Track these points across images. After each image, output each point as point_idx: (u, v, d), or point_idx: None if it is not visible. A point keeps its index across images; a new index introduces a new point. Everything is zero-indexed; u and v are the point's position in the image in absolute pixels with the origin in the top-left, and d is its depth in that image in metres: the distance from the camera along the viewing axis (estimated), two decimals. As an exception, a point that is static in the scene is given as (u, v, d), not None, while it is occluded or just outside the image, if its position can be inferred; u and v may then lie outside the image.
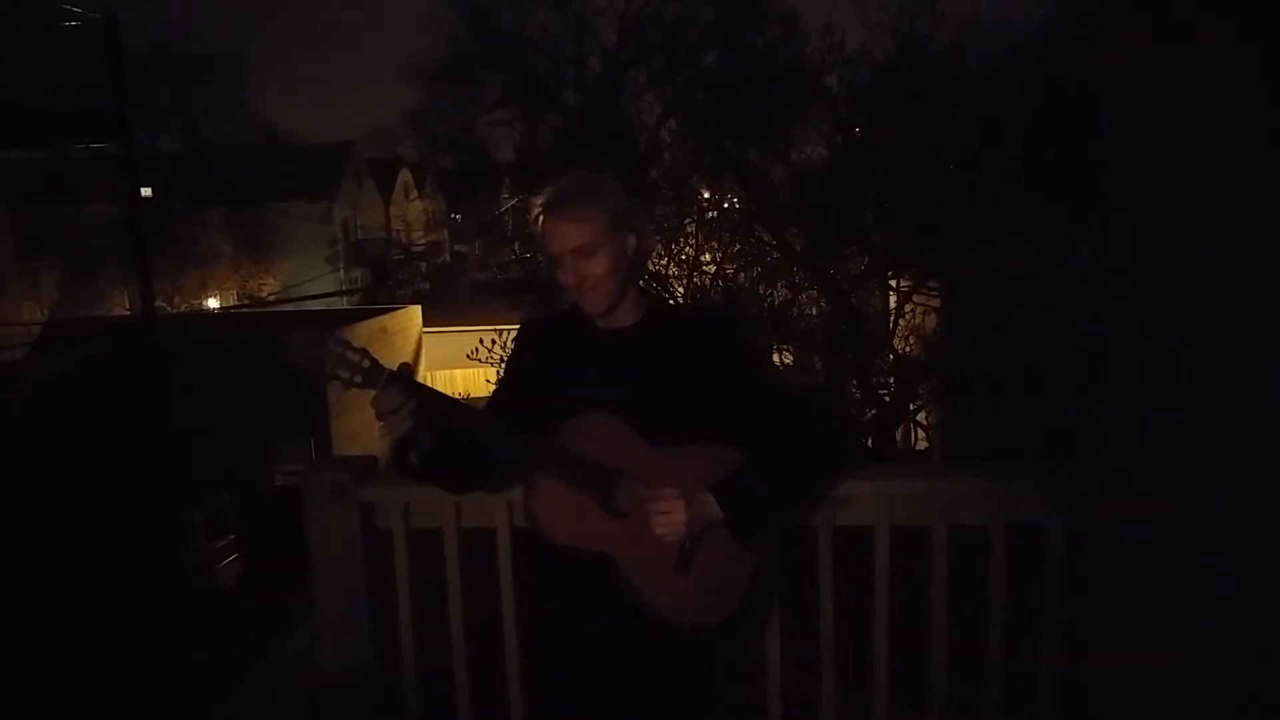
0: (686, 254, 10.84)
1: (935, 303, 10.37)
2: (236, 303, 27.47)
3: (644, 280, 2.06)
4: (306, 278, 28.11)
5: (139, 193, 9.51)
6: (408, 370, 1.84)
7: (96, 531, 11.50)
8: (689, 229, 10.81)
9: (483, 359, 10.57)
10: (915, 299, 10.42)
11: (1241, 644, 1.49)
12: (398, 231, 36.49)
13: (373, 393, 1.80)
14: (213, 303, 27.58)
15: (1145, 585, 1.70)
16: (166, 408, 9.04)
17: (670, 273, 10.72)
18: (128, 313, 19.95)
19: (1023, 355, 8.15)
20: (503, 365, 2.14)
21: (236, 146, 29.81)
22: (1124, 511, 1.72)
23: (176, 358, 11.31)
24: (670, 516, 1.80)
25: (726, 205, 11.18)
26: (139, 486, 10.06)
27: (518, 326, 2.13)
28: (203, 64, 29.90)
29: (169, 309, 24.12)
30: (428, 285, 30.49)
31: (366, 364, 1.79)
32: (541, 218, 1.89)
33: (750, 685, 2.40)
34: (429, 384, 1.92)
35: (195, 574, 11.92)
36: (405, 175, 37.37)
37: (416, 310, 22.94)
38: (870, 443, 9.63)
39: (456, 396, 1.94)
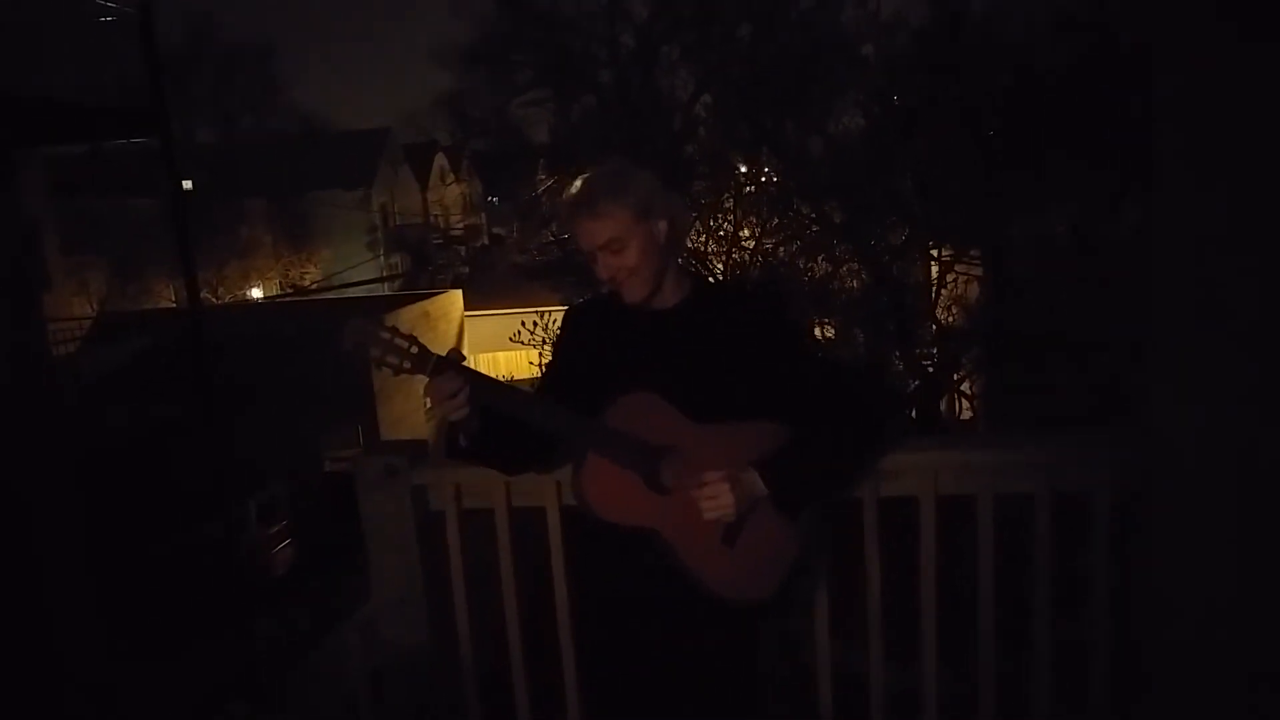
0: (725, 230, 10.82)
1: (978, 271, 10.26)
2: (280, 292, 27.80)
3: (682, 258, 2.08)
4: (347, 265, 28.38)
5: (180, 186, 9.63)
6: (457, 355, 1.88)
7: (153, 522, 11.76)
8: (727, 204, 10.78)
9: (525, 341, 10.64)
10: (957, 268, 10.31)
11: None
12: (435, 216, 36.69)
13: (420, 378, 1.84)
14: (256, 293, 27.94)
15: (1191, 551, 1.70)
16: (216, 398, 9.20)
17: (709, 249, 10.71)
18: (175, 305, 20.28)
19: (1067, 322, 8.05)
20: (546, 347, 2.18)
21: (273, 136, 30.07)
22: (1168, 477, 1.72)
23: (224, 348, 11.49)
24: (717, 500, 1.82)
25: (764, 179, 11.12)
26: (192, 477, 10.26)
27: (561, 309, 2.17)
28: (237, 55, 30.16)
29: (214, 300, 24.48)
30: (467, 269, 30.63)
31: (415, 350, 1.84)
32: (568, 218, 1.94)
33: (799, 658, 2.43)
34: (472, 365, 1.96)
35: (249, 561, 12.15)
36: (441, 159, 37.53)
37: (457, 294, 23.06)
38: (914, 414, 9.58)
39: (499, 378, 1.98)
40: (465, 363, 1.89)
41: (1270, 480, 1.53)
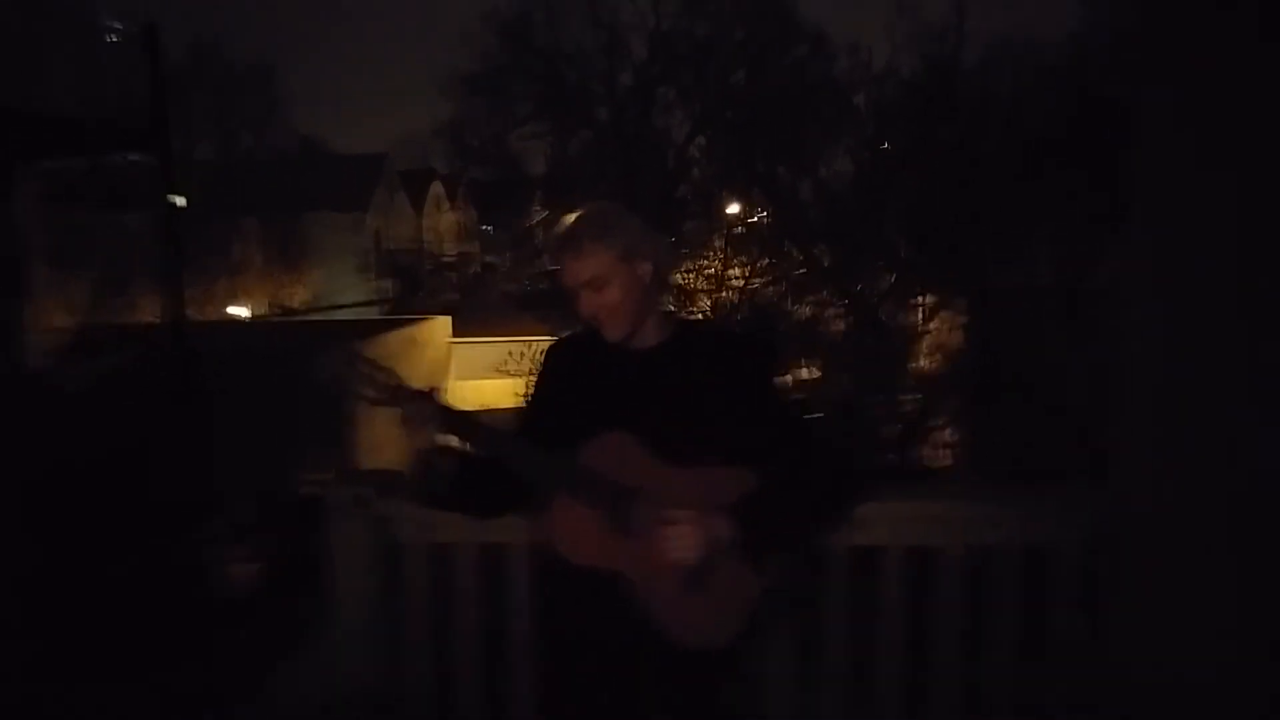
0: (714, 268, 10.88)
1: (962, 319, 10.33)
2: (267, 312, 27.74)
3: (670, 296, 2.09)
4: (337, 287, 28.35)
5: (171, 203, 9.65)
6: (434, 390, 1.90)
7: (122, 539, 11.60)
8: (717, 244, 10.85)
9: (511, 371, 10.63)
10: (941, 315, 10.39)
11: (1245, 667, 1.50)
12: (428, 242, 36.75)
13: (397, 410, 1.86)
14: (243, 311, 27.87)
15: (1152, 604, 1.71)
16: (195, 416, 9.14)
17: (697, 287, 10.76)
18: (158, 320, 20.18)
19: (1047, 371, 8.10)
20: (531, 377, 2.19)
21: (271, 157, 30.15)
22: (1131, 535, 1.73)
23: (205, 365, 11.42)
24: (682, 541, 1.82)
25: (755, 220, 11.21)
26: (166, 494, 10.16)
27: (548, 339, 2.17)
28: (240, 75, 30.31)
29: (199, 317, 24.39)
30: (457, 296, 30.65)
31: (392, 382, 1.86)
32: (554, 255, 1.96)
33: (760, 706, 2.42)
34: (455, 395, 1.97)
35: (215, 582, 11.98)
36: (437, 187, 37.64)
37: (446, 321, 22.99)
38: (893, 457, 9.60)
39: (480, 407, 2.00)
40: (442, 399, 1.90)
41: (1231, 542, 1.54)
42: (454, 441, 1.90)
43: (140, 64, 8.78)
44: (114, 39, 9.00)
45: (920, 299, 10.43)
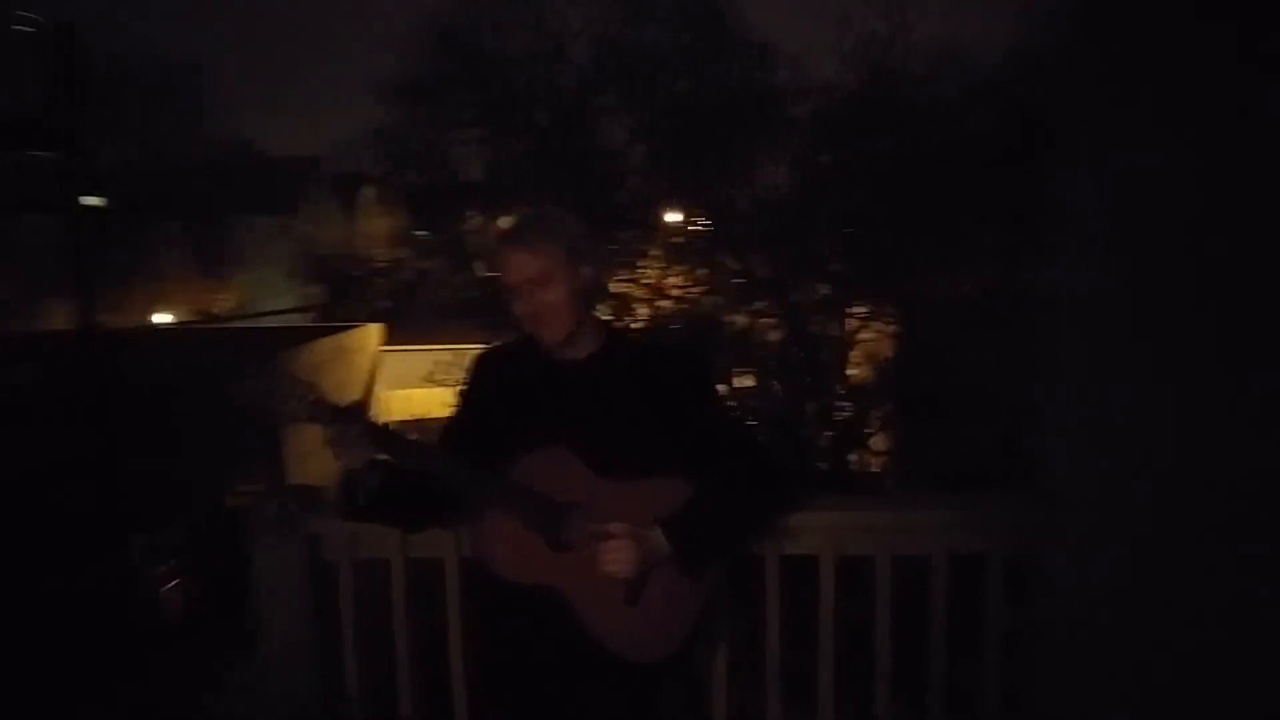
0: (652, 277, 10.90)
1: (891, 329, 10.50)
2: (190, 318, 27.06)
3: (606, 304, 2.08)
4: (264, 294, 27.76)
5: (82, 205, 9.35)
6: (358, 405, 1.85)
7: (38, 563, 11.20)
8: (654, 253, 10.88)
9: (441, 380, 10.51)
10: (873, 325, 10.55)
11: (1184, 673, 1.54)
12: (360, 248, 36.19)
13: (321, 427, 1.81)
14: (165, 318, 27.15)
15: (1081, 611, 1.74)
16: (111, 429, 8.85)
17: (636, 295, 10.77)
18: (73, 328, 19.57)
19: (975, 379, 8.27)
20: (460, 389, 2.14)
21: (197, 159, 29.45)
22: (1059, 540, 1.76)
23: (123, 376, 11.08)
24: (618, 555, 1.80)
25: (692, 229, 11.26)
26: (85, 513, 9.84)
27: (479, 348, 2.13)
28: (165, 76, 29.56)
29: (119, 324, 23.68)
30: (389, 303, 30.22)
31: (313, 398, 1.80)
32: (498, 249, 1.91)
33: (700, 709, 2.42)
34: (383, 404, 1.93)
35: (142, 602, 11.64)
36: (369, 191, 37.10)
37: (375, 328, 22.66)
38: (825, 465, 9.71)
39: (410, 417, 1.96)
40: (367, 415, 1.86)
41: (1162, 546, 1.58)
42: (380, 457, 1.86)
43: (50, 61, 8.50)
44: (28, 31, 8.71)
45: (852, 309, 10.59)
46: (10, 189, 18.42)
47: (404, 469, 1.86)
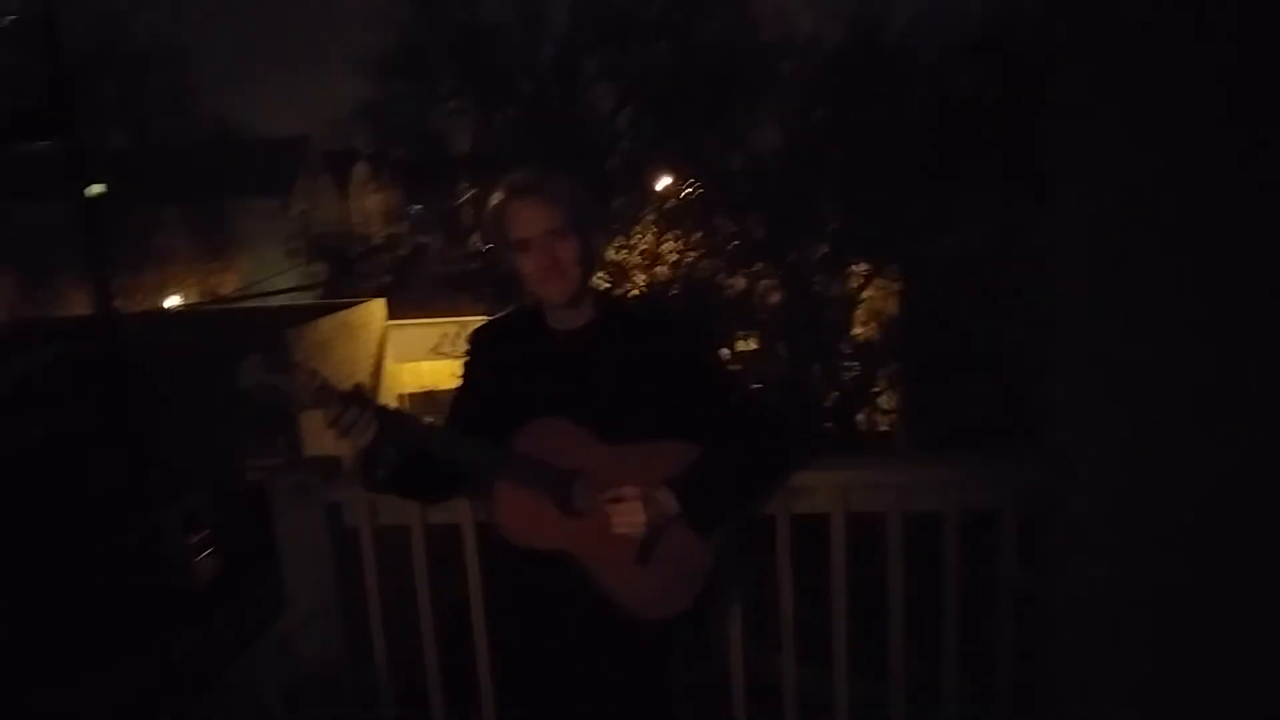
0: (647, 244, 10.88)
1: (896, 287, 10.48)
2: (198, 300, 27.09)
3: (604, 273, 2.09)
4: (267, 273, 27.74)
5: (85, 191, 9.33)
6: (361, 389, 1.87)
7: (69, 533, 11.35)
8: (649, 218, 10.85)
9: (448, 352, 10.55)
10: (876, 283, 10.53)
11: (1189, 624, 1.56)
12: (356, 224, 36.08)
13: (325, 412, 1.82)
14: (174, 300, 27.17)
15: (1092, 566, 1.77)
16: (132, 407, 8.93)
17: (631, 263, 10.75)
18: (88, 313, 19.59)
19: (983, 337, 8.27)
20: (462, 366, 2.15)
21: (190, 142, 29.30)
22: (1070, 489, 1.79)
23: (142, 356, 11.16)
24: (628, 516, 1.83)
25: (686, 194, 11.20)
26: (110, 487, 9.94)
27: (484, 318, 2.14)
28: (150, 59, 29.33)
29: (130, 308, 23.73)
30: (390, 278, 30.19)
31: (317, 384, 1.81)
32: (509, 203, 1.88)
33: (713, 668, 2.46)
34: (394, 377, 1.95)
35: (171, 571, 11.80)
36: (362, 167, 36.89)
37: (380, 303, 22.69)
38: (832, 425, 9.74)
39: (421, 389, 1.98)
40: (368, 396, 1.87)
41: (1169, 497, 1.60)
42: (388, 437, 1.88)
43: (40, 49, 8.42)
44: (9, 21, 8.65)
45: (853, 268, 10.56)
46: (13, 178, 18.38)
47: (412, 445, 1.88)
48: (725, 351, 9.53)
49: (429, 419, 1.96)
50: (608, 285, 9.75)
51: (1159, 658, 1.64)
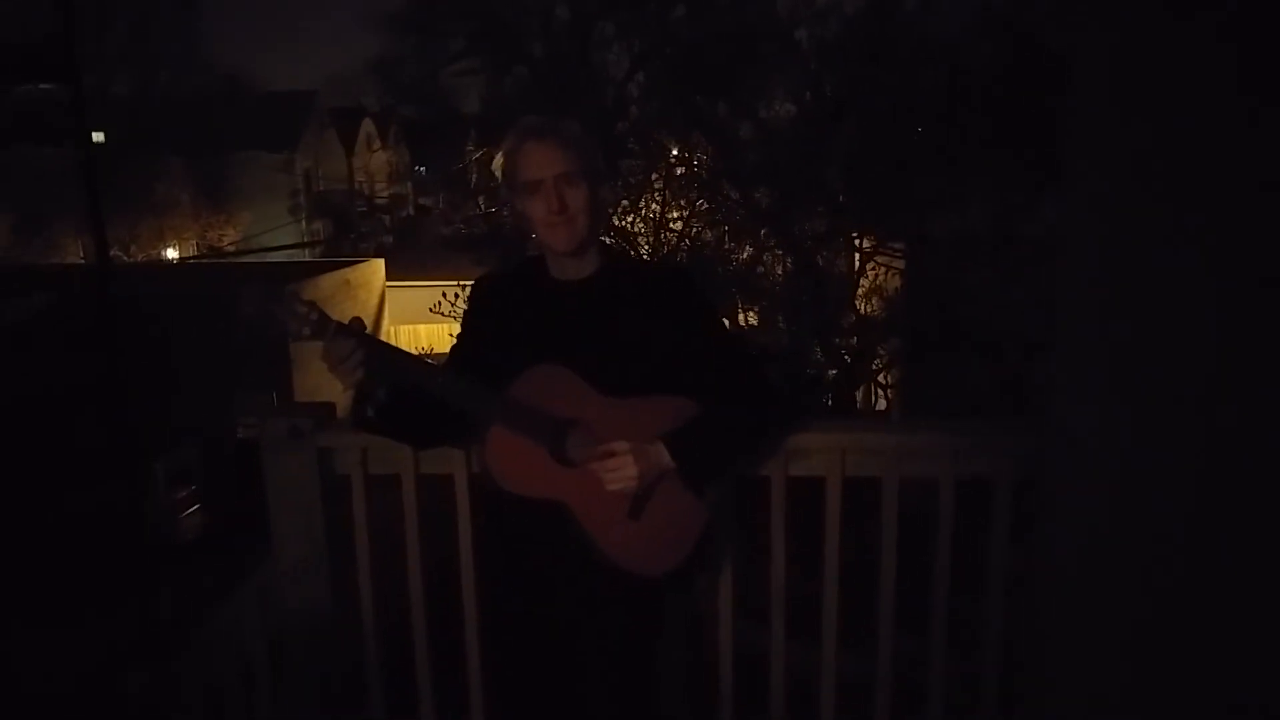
0: (653, 210, 10.82)
1: (899, 263, 10.44)
2: (196, 253, 27.04)
3: (608, 236, 2.06)
4: (267, 228, 27.70)
5: (89, 137, 9.24)
6: (358, 323, 1.85)
7: (55, 483, 11.37)
8: (656, 185, 10.78)
9: (446, 313, 10.52)
10: (878, 259, 10.49)
11: (1182, 598, 1.55)
12: (360, 183, 35.98)
13: (322, 342, 1.81)
14: (171, 253, 27.12)
15: (1087, 538, 1.76)
16: (123, 359, 8.90)
17: (636, 229, 10.70)
18: (82, 260, 19.57)
19: (983, 317, 8.25)
20: (462, 314, 2.13)
21: (195, 93, 29.13)
22: (1069, 465, 1.77)
23: (135, 308, 11.13)
24: (619, 471, 1.82)
25: (694, 161, 11.14)
26: (98, 438, 9.94)
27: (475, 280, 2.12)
28: (159, 6, 29.10)
29: (126, 258, 23.70)
30: (391, 238, 30.14)
31: (314, 316, 1.80)
32: (521, 143, 1.87)
33: (701, 634, 2.45)
34: (391, 339, 1.93)
35: (157, 526, 11.84)
36: (368, 125, 36.75)
37: (379, 263, 22.68)
38: (830, 401, 9.73)
39: (419, 351, 1.96)
40: (366, 331, 1.86)
41: (1168, 470, 1.59)
42: (383, 376, 1.86)
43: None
44: None
45: (857, 243, 10.52)
46: (17, 122, 18.27)
47: (408, 387, 1.86)
48: (726, 321, 9.50)
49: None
50: (608, 240, 9.71)
51: (1149, 638, 1.63)
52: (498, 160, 1.92)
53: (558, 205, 1.85)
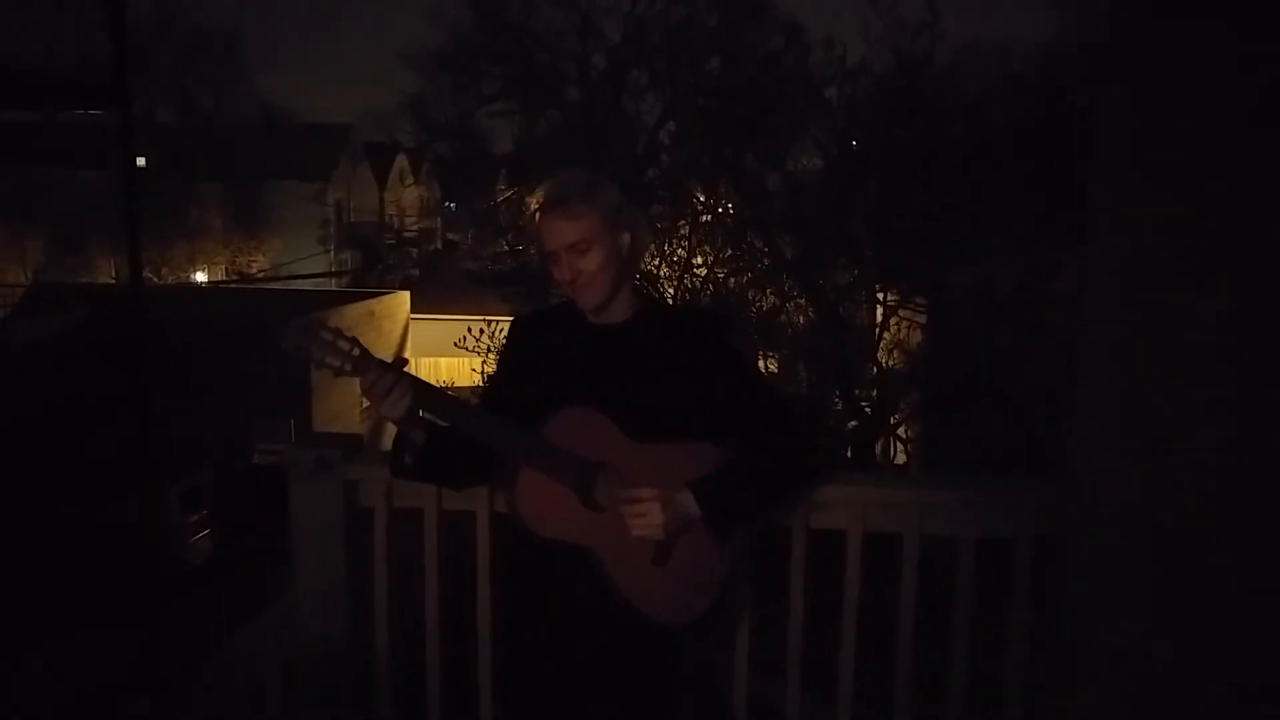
0: (679, 256, 10.87)
1: (921, 318, 10.43)
2: (225, 278, 27.35)
3: (636, 279, 2.10)
4: (296, 257, 28.00)
5: (134, 164, 9.42)
6: (400, 361, 1.89)
7: (69, 499, 11.43)
8: (682, 231, 10.84)
9: (469, 348, 10.58)
10: (901, 313, 10.48)
11: (1205, 657, 1.54)
12: (390, 216, 36.35)
13: (359, 379, 1.83)
14: (201, 276, 27.45)
15: (1109, 598, 1.75)
16: (148, 379, 8.98)
17: (662, 273, 10.75)
18: (114, 281, 19.81)
19: (1005, 374, 8.21)
20: (490, 355, 2.17)
21: (234, 122, 29.64)
22: (1090, 523, 1.76)
23: (161, 330, 11.25)
24: (646, 518, 1.83)
25: (721, 210, 11.21)
26: (115, 456, 10.00)
27: (508, 319, 2.16)
28: (203, 37, 29.75)
29: (155, 280, 23.99)
30: (417, 272, 30.37)
31: (356, 352, 1.82)
32: (538, 215, 1.94)
33: (716, 687, 2.44)
34: (412, 370, 1.96)
35: (166, 547, 11.85)
36: (402, 161, 37.25)
37: (405, 295, 22.87)
38: (850, 454, 9.68)
39: (438, 384, 1.99)
40: (407, 370, 1.89)
41: (1193, 528, 1.59)
42: (421, 418, 1.89)
43: (102, 18, 8.55)
44: None
45: (881, 296, 10.52)
46: (61, 144, 18.60)
47: (443, 426, 1.89)
48: (760, 365, 9.51)
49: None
50: (645, 286, 9.76)
51: (1180, 701, 1.61)
52: (528, 215, 2.00)
53: (571, 274, 1.91)
